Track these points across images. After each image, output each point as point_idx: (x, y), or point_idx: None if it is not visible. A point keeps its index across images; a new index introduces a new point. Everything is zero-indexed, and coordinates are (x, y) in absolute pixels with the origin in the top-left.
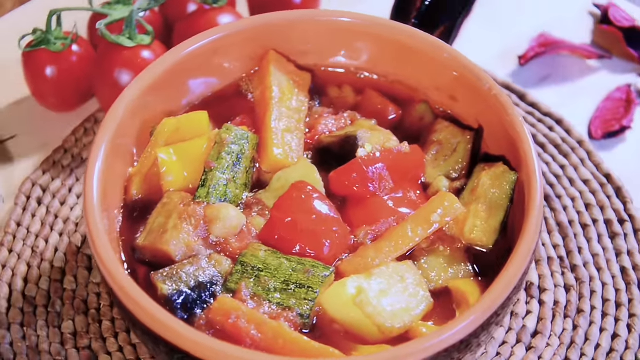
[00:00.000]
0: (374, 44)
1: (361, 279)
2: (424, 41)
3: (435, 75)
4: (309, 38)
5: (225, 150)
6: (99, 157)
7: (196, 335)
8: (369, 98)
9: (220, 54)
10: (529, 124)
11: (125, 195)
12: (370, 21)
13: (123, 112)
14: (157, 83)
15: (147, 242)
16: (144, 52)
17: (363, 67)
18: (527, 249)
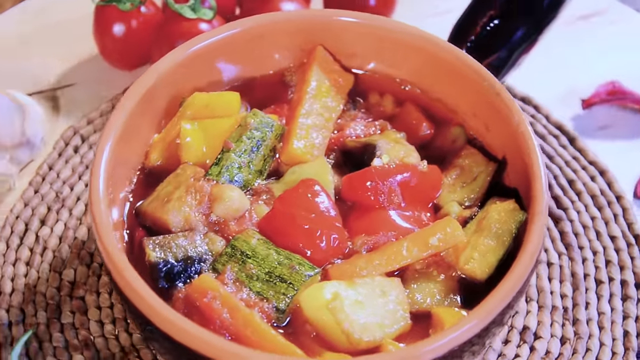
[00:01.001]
0: (422, 59)
1: (341, 285)
2: (467, 65)
3: (474, 101)
4: (359, 41)
5: (247, 134)
6: (119, 119)
7: (195, 329)
8: (407, 111)
9: (267, 40)
10: (571, 169)
11: (145, 159)
12: (422, 37)
13: (154, 80)
14: (195, 58)
15: (149, 208)
16: (203, 25)
17: (408, 79)
18: (510, 286)
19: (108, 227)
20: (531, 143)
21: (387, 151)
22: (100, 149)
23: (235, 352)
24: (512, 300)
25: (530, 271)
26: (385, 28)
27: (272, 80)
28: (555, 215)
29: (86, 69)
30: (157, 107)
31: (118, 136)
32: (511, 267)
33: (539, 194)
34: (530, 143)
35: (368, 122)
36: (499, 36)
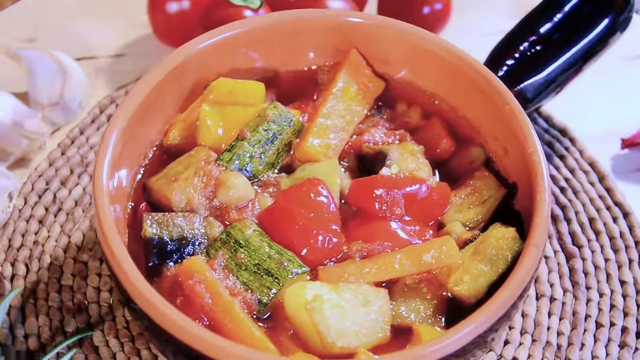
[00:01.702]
0: (453, 76)
1: (324, 287)
2: (493, 87)
3: (496, 124)
4: (393, 49)
5: (264, 125)
6: (140, 93)
7: (196, 329)
8: (431, 125)
9: (302, 36)
10: (594, 207)
11: (163, 137)
12: (455, 54)
13: (182, 59)
14: (228, 44)
15: (156, 184)
16: (247, 12)
17: (438, 94)
18: (493, 309)
19: (107, 200)
20: (540, 173)
21: (397, 161)
22: (114, 119)
23: (206, 338)
24: (495, 323)
25: (517, 298)
26: (420, 39)
27: (304, 76)
28: (568, 251)
29: (137, 42)
30: (183, 86)
31: (137, 110)
32: (496, 292)
33: (538, 227)
34: (540, 173)
35: (389, 130)
36: (538, 63)
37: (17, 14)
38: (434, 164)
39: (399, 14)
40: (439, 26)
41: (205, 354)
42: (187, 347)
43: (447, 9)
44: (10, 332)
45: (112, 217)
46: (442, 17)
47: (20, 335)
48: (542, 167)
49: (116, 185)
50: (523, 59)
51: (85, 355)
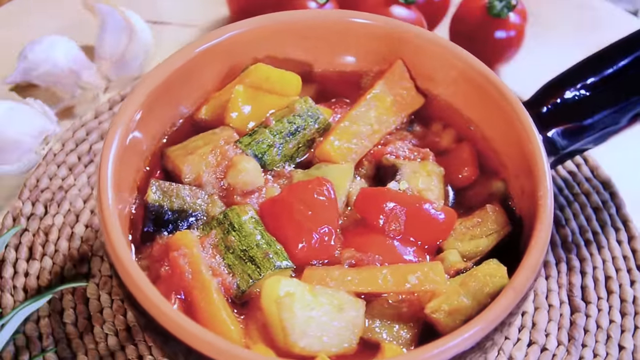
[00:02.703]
0: (491, 108)
1: (301, 286)
2: (524, 125)
3: (519, 162)
4: (439, 67)
5: (289, 117)
6: (174, 63)
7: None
8: (460, 150)
9: (351, 38)
10: (614, 266)
11: (196, 110)
12: (496, 87)
13: (226, 37)
14: (277, 32)
15: (173, 153)
16: (311, 4)
17: (475, 121)
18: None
19: (112, 164)
20: (542, 219)
21: (408, 178)
22: (146, 80)
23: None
24: (462, 354)
25: (483, 338)
26: (468, 64)
27: (348, 78)
28: (575, 304)
29: (211, 16)
30: (224, 65)
31: (170, 77)
32: (465, 325)
33: (522, 271)
34: (542, 219)
35: (414, 146)
36: (581, 111)
37: None
38: (453, 189)
39: (471, 37)
40: (510, 51)
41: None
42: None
43: (520, 35)
44: (13, 267)
45: (111, 187)
46: (514, 43)
47: (21, 271)
48: (546, 214)
49: (132, 145)
50: (568, 102)
51: (75, 303)
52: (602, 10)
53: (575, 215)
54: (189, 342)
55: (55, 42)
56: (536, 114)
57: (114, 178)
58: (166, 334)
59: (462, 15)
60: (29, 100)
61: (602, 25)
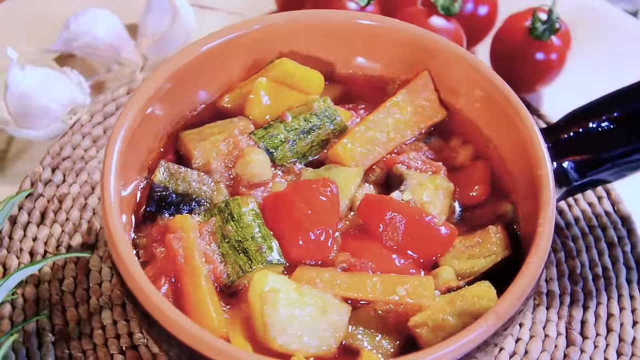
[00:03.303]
0: (510, 129)
1: (287, 283)
2: (535, 151)
3: (529, 187)
4: (464, 81)
5: (306, 115)
6: (199, 46)
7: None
8: (474, 167)
9: (377, 43)
10: (619, 305)
11: (218, 97)
12: (516, 109)
13: (257, 29)
14: (309, 29)
15: (187, 137)
16: (351, 4)
17: (494, 141)
18: None
19: (116, 156)
20: (536, 249)
21: (412, 189)
22: (171, 60)
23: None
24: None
25: (466, 354)
26: (492, 83)
27: (374, 83)
28: (571, 338)
29: (257, 7)
30: (251, 56)
31: (195, 60)
32: (443, 341)
33: (507, 297)
34: (536, 249)
35: (428, 159)
36: (607, 142)
37: None
38: (461, 206)
39: (511, 57)
40: (551, 74)
41: None
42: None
43: (561, 58)
44: (23, 230)
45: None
46: (555, 66)
47: (30, 235)
48: (542, 242)
49: (147, 123)
50: (588, 133)
51: (76, 273)
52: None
53: (588, 248)
54: (172, 330)
55: (98, 15)
56: (555, 141)
57: (122, 155)
58: (163, 331)
59: (504, 34)
60: (66, 70)
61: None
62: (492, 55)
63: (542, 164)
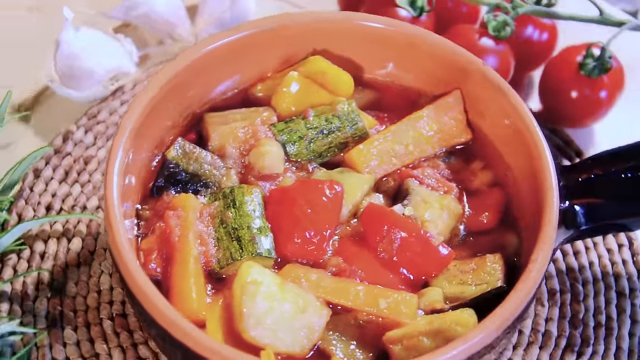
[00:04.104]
0: (528, 163)
1: (271, 277)
2: (545, 190)
3: (534, 223)
4: (494, 110)
5: (328, 116)
6: (223, 38)
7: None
8: (489, 194)
9: (414, 55)
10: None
11: (251, 86)
12: (537, 147)
13: (296, 27)
14: (349, 32)
15: (210, 119)
16: (402, 13)
17: (513, 171)
18: None
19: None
20: (525, 282)
21: (415, 205)
22: (202, 43)
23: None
24: None
25: None
26: (518, 115)
27: (406, 94)
28: None
29: (318, 2)
30: (286, 48)
31: (231, 45)
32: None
33: (477, 330)
34: (524, 282)
35: (443, 177)
36: (625, 190)
37: None
38: (467, 230)
39: (560, 90)
40: (600, 112)
41: None
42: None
43: (611, 97)
44: (45, 185)
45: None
46: (604, 104)
47: (50, 190)
48: (528, 279)
49: (172, 98)
50: (607, 179)
51: (85, 234)
52: None
53: (597, 294)
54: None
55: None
56: (572, 180)
57: (140, 123)
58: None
59: (554, 66)
60: (120, 37)
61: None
62: (541, 85)
63: (549, 201)
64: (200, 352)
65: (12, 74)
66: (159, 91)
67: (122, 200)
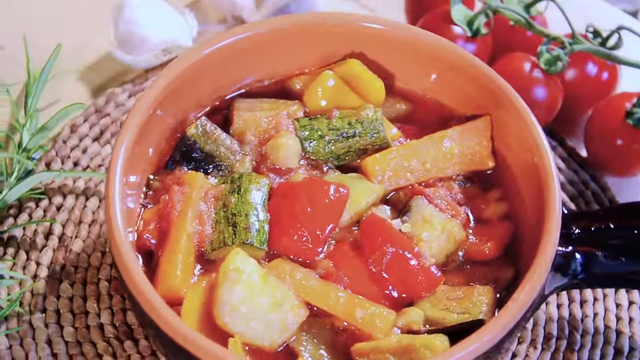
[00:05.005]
0: (539, 205)
1: (255, 268)
2: (546, 230)
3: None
4: (519, 144)
5: (351, 120)
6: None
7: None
8: (498, 226)
9: (455, 74)
10: None
11: (287, 78)
12: (549, 191)
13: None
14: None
15: (238, 104)
16: (461, 42)
17: (527, 206)
18: None
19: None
20: (497, 321)
21: (414, 223)
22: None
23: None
24: None
25: None
26: (539, 156)
27: (440, 111)
28: None
29: (387, 9)
30: (328, 46)
31: (280, 34)
32: None
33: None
34: (497, 321)
35: (453, 200)
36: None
37: None
38: (465, 257)
39: (605, 137)
40: None
41: None
42: None
43: None
44: (79, 140)
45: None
46: None
47: (82, 147)
48: (500, 319)
49: (203, 75)
50: (617, 232)
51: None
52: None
53: (594, 346)
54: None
55: None
56: (580, 227)
57: (165, 96)
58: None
59: (603, 110)
60: (185, 11)
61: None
62: (587, 128)
63: (544, 243)
64: (168, 331)
65: (73, 31)
66: (193, 65)
67: (130, 169)
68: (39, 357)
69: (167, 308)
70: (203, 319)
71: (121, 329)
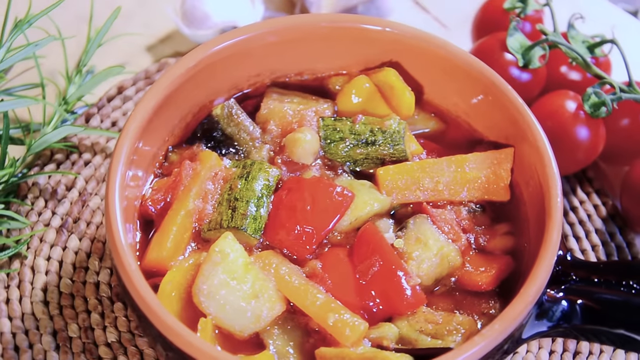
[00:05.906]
0: (539, 243)
1: (239, 253)
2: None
3: None
4: (532, 180)
5: (374, 127)
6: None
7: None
8: (498, 261)
9: (487, 101)
10: None
11: (328, 77)
12: (550, 229)
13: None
14: (422, 50)
15: (269, 93)
16: (514, 70)
17: (532, 247)
18: None
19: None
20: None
21: (407, 240)
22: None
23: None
24: None
25: None
26: (549, 198)
27: (469, 134)
28: None
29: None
30: (369, 51)
31: (328, 32)
32: None
33: None
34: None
35: (457, 225)
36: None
37: None
38: (455, 284)
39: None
40: None
41: None
42: None
43: None
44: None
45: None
46: None
47: (111, 106)
48: (464, 349)
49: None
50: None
51: None
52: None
53: None
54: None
55: None
56: (574, 275)
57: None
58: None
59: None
60: None
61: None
62: (622, 183)
63: (529, 286)
64: (146, 313)
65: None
66: (236, 43)
67: (146, 135)
68: (31, 301)
69: (142, 279)
70: (184, 295)
71: (115, 290)
